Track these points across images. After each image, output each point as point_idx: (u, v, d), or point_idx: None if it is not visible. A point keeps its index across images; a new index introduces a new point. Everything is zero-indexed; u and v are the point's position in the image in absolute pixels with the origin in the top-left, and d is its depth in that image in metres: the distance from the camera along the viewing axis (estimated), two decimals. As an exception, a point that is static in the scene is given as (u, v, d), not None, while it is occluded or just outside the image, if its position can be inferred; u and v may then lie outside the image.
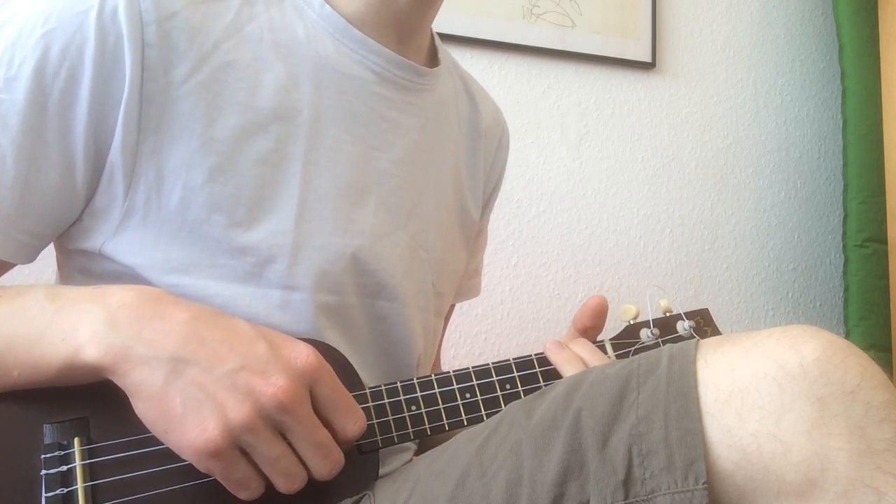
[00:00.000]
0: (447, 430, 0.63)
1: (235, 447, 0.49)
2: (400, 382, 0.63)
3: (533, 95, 1.52)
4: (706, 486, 0.43)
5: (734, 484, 0.44)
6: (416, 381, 0.64)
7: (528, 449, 0.49)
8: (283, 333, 0.54)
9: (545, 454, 0.48)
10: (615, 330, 0.75)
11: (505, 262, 1.47)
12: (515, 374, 0.68)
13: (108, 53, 0.56)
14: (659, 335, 0.75)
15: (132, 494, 0.52)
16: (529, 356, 0.70)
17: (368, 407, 0.60)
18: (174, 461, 0.52)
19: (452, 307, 0.91)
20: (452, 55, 0.84)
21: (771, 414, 0.43)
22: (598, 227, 1.56)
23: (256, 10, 0.64)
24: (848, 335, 1.59)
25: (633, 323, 0.75)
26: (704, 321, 0.78)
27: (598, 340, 0.73)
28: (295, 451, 0.51)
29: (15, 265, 0.60)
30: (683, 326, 0.76)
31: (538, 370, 0.69)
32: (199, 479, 0.53)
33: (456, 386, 0.65)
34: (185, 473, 0.53)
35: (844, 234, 1.63)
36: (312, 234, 0.63)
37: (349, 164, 0.66)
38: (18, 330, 0.52)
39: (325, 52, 0.66)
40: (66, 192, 0.58)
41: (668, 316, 0.77)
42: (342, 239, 0.65)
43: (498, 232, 1.46)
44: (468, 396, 0.65)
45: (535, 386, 0.68)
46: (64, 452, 0.51)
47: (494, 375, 0.67)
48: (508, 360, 0.69)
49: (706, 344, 0.49)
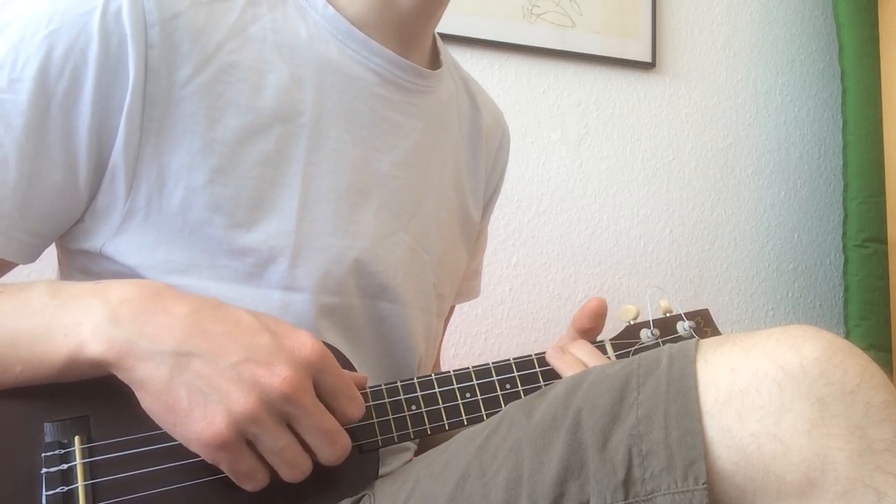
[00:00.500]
0: (447, 429, 0.63)
1: (242, 438, 0.49)
2: (400, 382, 0.63)
3: (533, 95, 1.52)
4: (706, 486, 0.43)
5: (734, 484, 0.44)
6: (416, 380, 0.64)
7: (528, 449, 0.49)
8: (285, 322, 0.54)
9: (545, 454, 0.48)
10: (615, 330, 0.75)
11: (505, 262, 1.47)
12: (515, 373, 0.68)
13: (111, 55, 0.56)
14: (659, 335, 0.75)
15: (132, 493, 0.52)
16: (529, 356, 0.70)
17: (369, 406, 0.60)
18: (174, 460, 0.52)
19: (452, 308, 0.91)
20: (453, 56, 0.84)
21: (771, 414, 0.43)
22: (598, 227, 1.56)
23: (260, 10, 0.64)
24: (848, 335, 1.59)
25: (633, 323, 0.75)
26: (704, 321, 0.79)
27: (598, 341, 0.73)
28: (301, 439, 0.52)
29: (16, 265, 0.60)
30: (683, 327, 0.76)
31: (538, 370, 0.69)
32: (198, 477, 0.53)
33: (456, 385, 0.65)
34: (185, 472, 0.53)
35: (844, 234, 1.63)
36: (313, 235, 0.63)
37: (351, 165, 0.66)
38: (20, 326, 0.52)
39: (327, 53, 0.66)
40: (68, 192, 0.58)
41: (668, 316, 0.77)
42: (343, 240, 0.65)
43: (498, 232, 1.46)
44: (468, 396, 0.65)
45: (535, 386, 0.68)
46: (64, 451, 0.52)
47: (494, 375, 0.67)
48: (508, 359, 0.69)
49: (706, 344, 0.49)
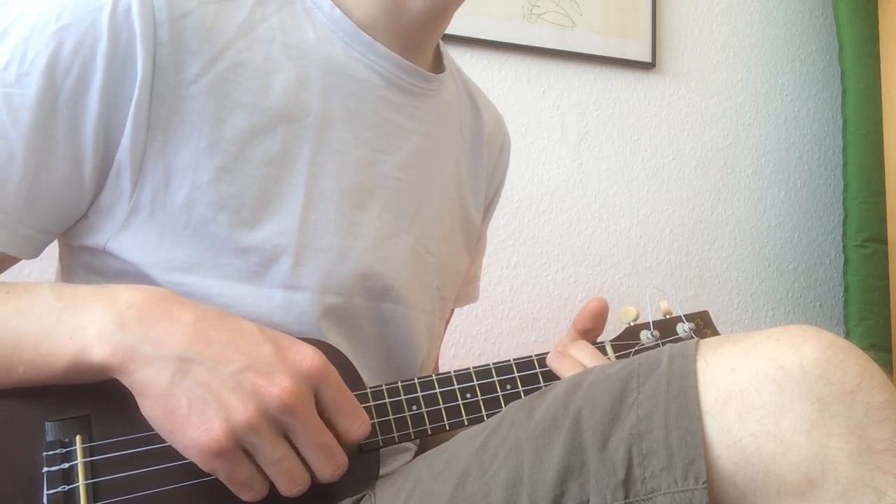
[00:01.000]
0: (448, 430, 0.63)
1: (239, 448, 0.49)
2: (401, 382, 0.63)
3: (533, 95, 1.52)
4: (706, 485, 0.43)
5: (734, 484, 0.44)
6: (416, 380, 0.64)
7: (528, 448, 0.49)
8: (288, 335, 0.54)
9: (545, 454, 0.48)
10: (615, 331, 0.75)
11: (505, 262, 1.47)
12: (516, 374, 0.68)
13: (120, 51, 0.56)
14: (659, 337, 0.75)
15: (133, 492, 0.52)
16: (530, 356, 0.70)
17: (369, 406, 0.60)
18: (175, 459, 0.52)
19: (452, 311, 0.92)
20: (452, 56, 0.84)
21: (771, 414, 0.43)
22: (598, 227, 1.56)
23: (268, 10, 0.64)
24: (848, 335, 1.59)
25: (633, 324, 0.75)
26: (704, 323, 0.79)
27: (598, 342, 0.73)
28: (299, 453, 0.52)
29: (19, 260, 0.60)
30: (683, 328, 0.76)
31: (539, 371, 0.69)
32: (199, 477, 0.53)
33: (457, 386, 0.65)
34: (185, 472, 0.53)
35: (844, 234, 1.63)
36: (317, 235, 0.63)
37: (355, 166, 0.66)
38: (25, 327, 0.52)
39: (333, 55, 0.66)
40: (73, 188, 0.58)
41: (668, 318, 0.77)
42: (346, 241, 0.65)
43: (498, 232, 1.46)
44: (469, 396, 0.65)
45: (535, 386, 0.68)
46: (65, 450, 0.52)
47: (495, 376, 0.67)
48: (509, 360, 0.69)
49: (706, 344, 0.49)
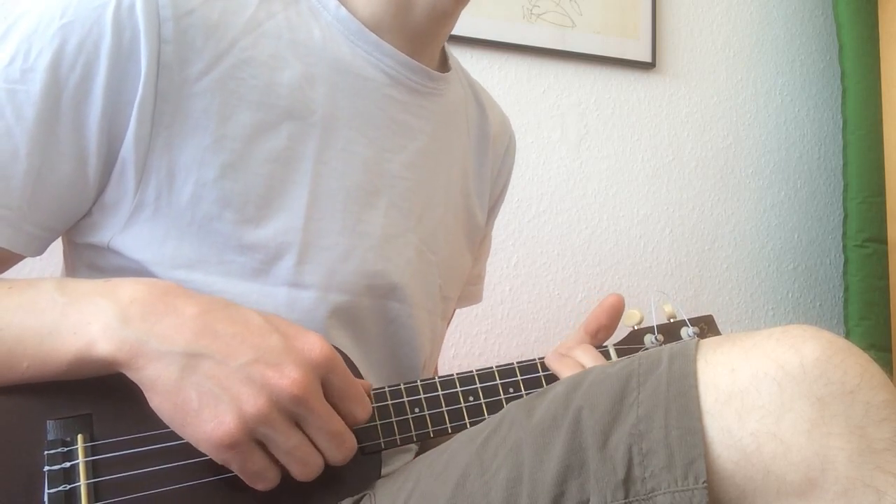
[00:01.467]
0: (450, 432, 0.63)
1: (252, 439, 0.50)
2: (403, 384, 0.63)
3: (533, 95, 1.52)
4: (706, 485, 0.43)
5: (734, 484, 0.44)
6: (419, 383, 0.64)
7: (528, 448, 0.49)
8: (293, 323, 0.54)
9: (545, 453, 0.48)
10: (618, 335, 0.75)
11: (505, 262, 1.47)
12: (519, 377, 0.68)
13: (124, 49, 0.56)
14: (663, 341, 0.74)
15: (135, 492, 0.52)
16: (533, 360, 0.70)
17: (371, 408, 0.60)
18: (177, 459, 0.52)
19: (453, 312, 0.92)
20: (457, 59, 0.84)
21: (771, 414, 0.44)
22: (598, 227, 1.56)
23: (274, 8, 0.64)
24: (848, 335, 1.59)
25: (637, 328, 0.75)
26: (708, 327, 0.78)
27: (601, 346, 0.73)
28: (310, 439, 0.52)
29: (23, 258, 0.60)
30: (688, 333, 0.76)
31: (542, 374, 0.69)
32: (201, 477, 0.53)
33: (459, 389, 0.65)
34: (187, 472, 0.53)
35: (844, 234, 1.63)
36: (321, 233, 0.63)
37: (361, 165, 0.66)
38: (28, 323, 0.52)
39: (339, 53, 0.66)
40: (77, 185, 0.58)
41: (671, 322, 0.77)
42: (351, 239, 0.65)
43: (498, 232, 1.45)
44: (471, 399, 0.65)
45: (538, 389, 0.68)
46: (67, 449, 0.52)
47: (498, 379, 0.67)
48: (512, 363, 0.69)
49: (706, 344, 0.49)
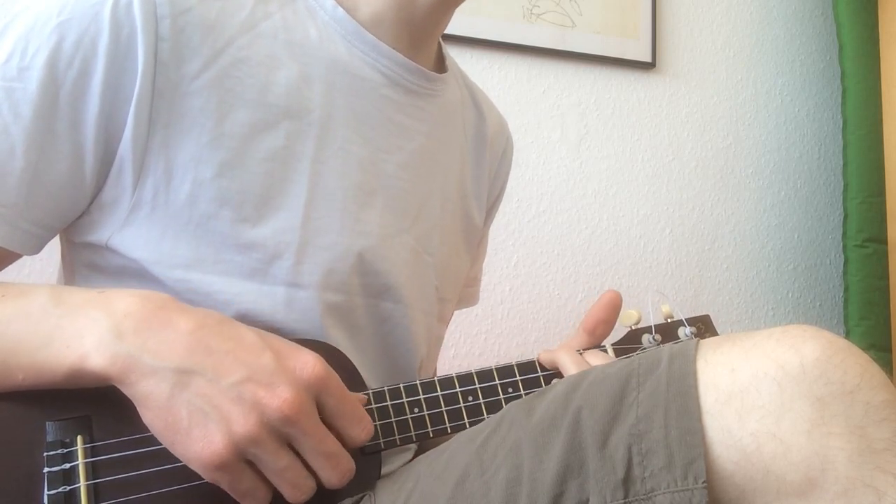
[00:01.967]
0: (449, 432, 0.63)
1: (241, 459, 0.49)
2: (402, 384, 0.63)
3: (533, 95, 1.52)
4: (706, 485, 0.43)
5: (734, 484, 0.44)
6: (418, 383, 0.64)
7: (528, 448, 0.49)
8: (289, 342, 0.54)
9: (545, 453, 0.48)
10: (616, 336, 0.75)
11: (505, 262, 1.47)
12: (518, 377, 0.68)
13: (121, 46, 0.56)
14: (661, 341, 0.74)
15: (134, 493, 0.52)
16: (532, 360, 0.70)
17: (371, 409, 0.60)
18: (176, 461, 0.52)
19: (451, 314, 0.91)
20: (452, 56, 0.84)
21: (771, 414, 0.44)
22: (598, 227, 1.56)
23: (271, 8, 0.64)
24: (848, 335, 1.59)
25: (634, 328, 0.75)
26: (706, 327, 0.78)
27: (600, 346, 0.73)
28: (304, 460, 0.51)
29: (20, 256, 0.60)
30: (685, 332, 0.76)
31: (541, 374, 0.69)
32: (199, 478, 0.53)
33: (459, 388, 0.65)
34: (186, 473, 0.53)
35: (844, 234, 1.63)
36: (319, 232, 0.63)
37: (358, 165, 0.66)
38: (22, 334, 0.52)
39: (336, 53, 0.66)
40: (74, 183, 0.58)
41: (669, 321, 0.77)
42: (348, 238, 0.65)
43: (498, 232, 1.46)
44: (471, 399, 0.65)
45: (538, 389, 0.68)
46: (66, 450, 0.52)
47: (497, 378, 0.67)
48: (511, 363, 0.69)
49: (706, 344, 0.49)
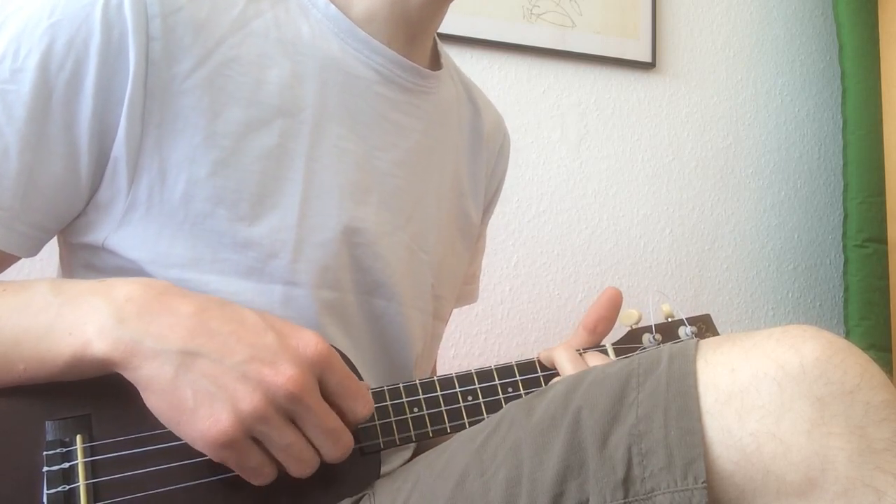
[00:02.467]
0: (449, 432, 0.63)
1: (248, 437, 0.50)
2: (402, 384, 0.63)
3: (533, 95, 1.52)
4: (706, 485, 0.43)
5: (734, 484, 0.44)
6: (418, 382, 0.64)
7: (527, 448, 0.49)
8: (289, 321, 0.54)
9: (545, 453, 0.48)
10: (617, 335, 0.75)
11: (505, 262, 1.47)
12: (518, 377, 0.68)
13: (113, 46, 0.56)
14: (661, 340, 0.74)
15: (134, 492, 0.52)
16: (532, 359, 0.70)
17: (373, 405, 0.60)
18: (176, 459, 0.52)
19: (450, 311, 0.91)
20: (452, 56, 0.84)
21: (771, 414, 0.44)
22: (598, 227, 1.56)
23: (262, 6, 0.64)
24: (848, 335, 1.59)
25: (634, 328, 0.75)
26: (706, 327, 0.78)
27: (600, 345, 0.73)
28: (306, 436, 0.52)
29: (18, 259, 0.60)
30: (685, 332, 0.76)
31: (540, 374, 0.69)
32: (200, 477, 0.53)
33: (458, 388, 0.65)
34: (186, 471, 0.53)
35: (844, 234, 1.63)
36: (315, 229, 0.63)
37: (352, 162, 0.66)
38: (24, 324, 0.52)
39: (329, 51, 0.66)
40: (70, 184, 0.58)
41: (670, 321, 0.77)
42: (344, 236, 0.65)
43: (498, 232, 1.46)
44: (470, 399, 0.65)
45: (537, 389, 0.68)
46: (66, 449, 0.52)
47: (497, 378, 0.67)
48: (511, 362, 0.69)
49: (706, 344, 0.49)
